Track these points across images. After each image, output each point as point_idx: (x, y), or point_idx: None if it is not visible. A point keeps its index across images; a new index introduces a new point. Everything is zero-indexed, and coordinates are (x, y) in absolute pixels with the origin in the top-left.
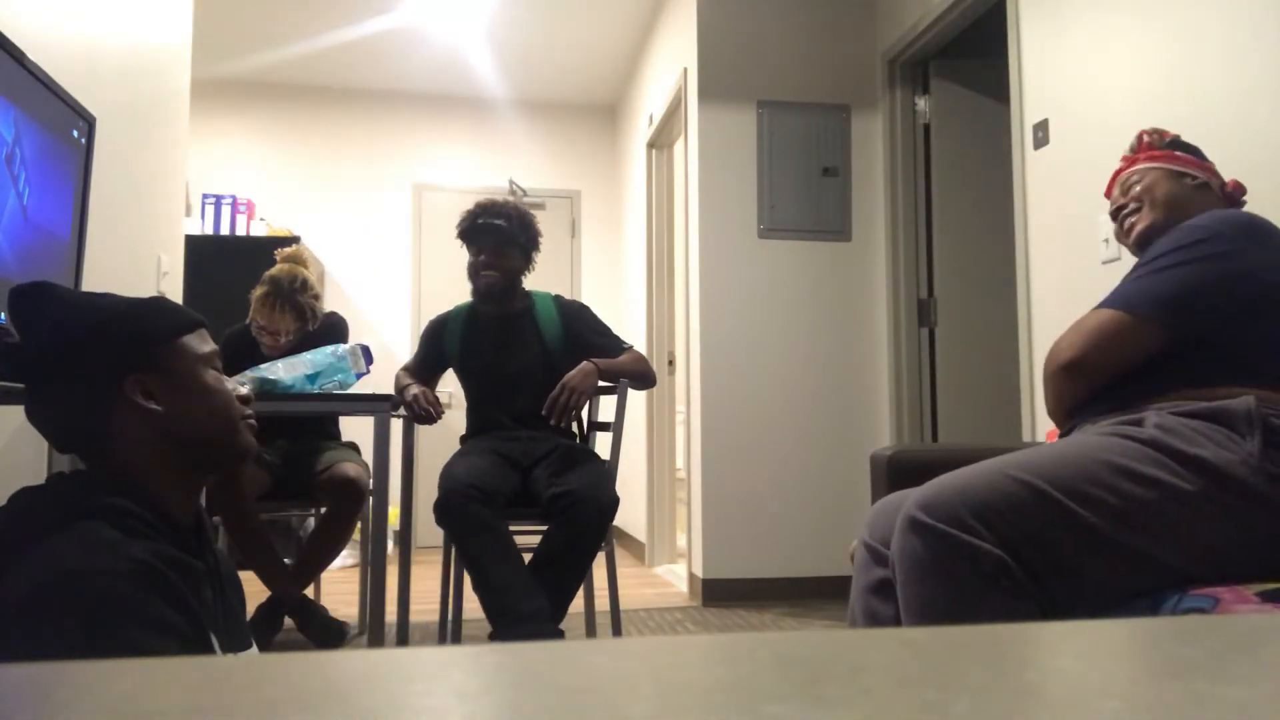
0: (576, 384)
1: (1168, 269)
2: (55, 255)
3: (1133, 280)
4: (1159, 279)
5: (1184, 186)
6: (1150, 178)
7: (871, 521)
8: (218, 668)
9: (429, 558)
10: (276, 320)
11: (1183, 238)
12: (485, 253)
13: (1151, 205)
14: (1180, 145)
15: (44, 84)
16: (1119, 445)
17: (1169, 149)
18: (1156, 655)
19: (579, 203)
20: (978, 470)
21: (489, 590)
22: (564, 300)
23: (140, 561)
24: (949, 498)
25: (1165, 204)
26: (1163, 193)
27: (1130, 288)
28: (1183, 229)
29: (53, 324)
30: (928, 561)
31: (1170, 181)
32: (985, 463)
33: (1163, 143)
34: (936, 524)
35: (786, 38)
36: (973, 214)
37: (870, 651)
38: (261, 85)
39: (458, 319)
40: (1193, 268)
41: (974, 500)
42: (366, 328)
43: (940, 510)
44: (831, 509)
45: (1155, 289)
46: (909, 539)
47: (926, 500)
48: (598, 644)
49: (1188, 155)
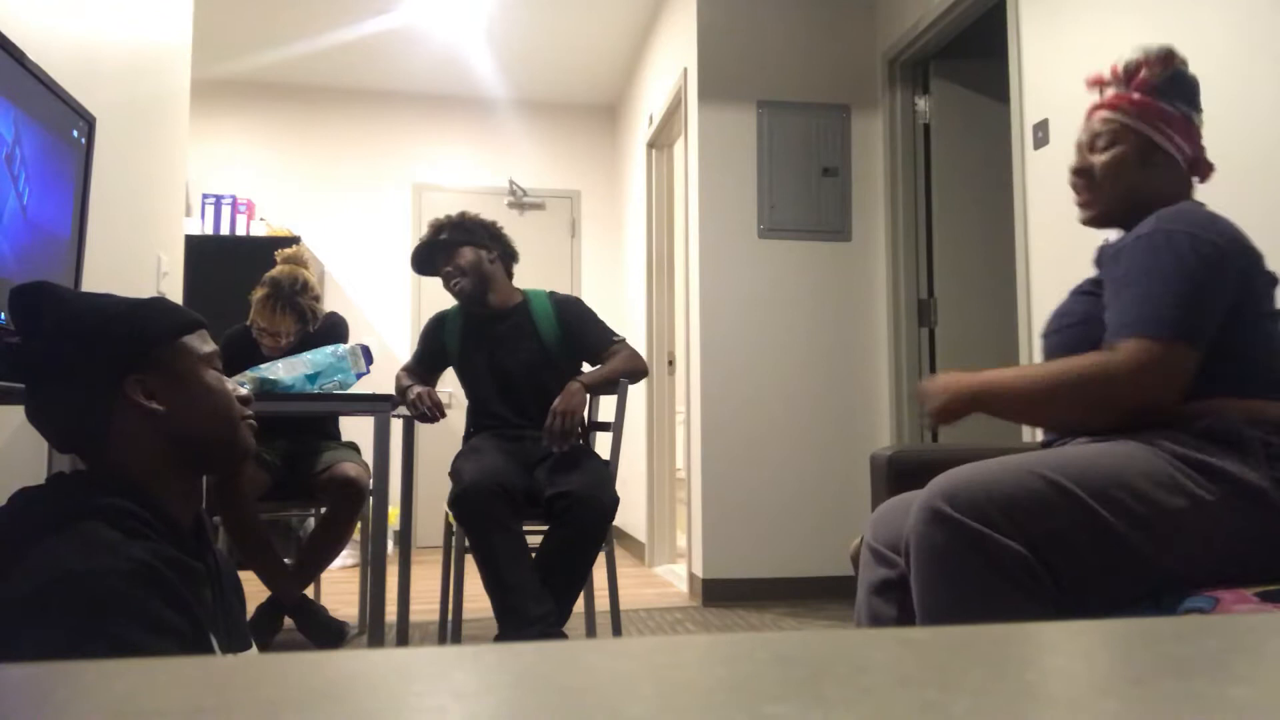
0: (566, 407)
1: (1193, 289)
2: (55, 255)
3: (1169, 306)
4: (1172, 293)
5: (1154, 167)
6: (1120, 149)
7: (875, 524)
8: (218, 668)
9: (429, 558)
10: (277, 322)
11: (1191, 251)
12: (441, 266)
13: (1112, 185)
14: (1179, 88)
15: (44, 84)
16: (1145, 453)
17: (1159, 93)
18: (1156, 655)
19: (579, 203)
20: (1004, 466)
21: (502, 589)
22: (558, 295)
23: (140, 562)
24: (975, 491)
25: (1124, 189)
26: (1126, 173)
27: (1173, 315)
28: (1186, 240)
29: (53, 324)
30: (948, 554)
31: (1138, 158)
32: (1012, 458)
33: (1158, 79)
34: (961, 517)
35: (786, 38)
36: (973, 214)
37: (870, 651)
38: (261, 85)
39: (455, 317)
40: (1211, 289)
41: (1001, 496)
42: (366, 328)
43: (965, 503)
44: (831, 509)
45: (1197, 318)
46: (930, 529)
47: (951, 492)
48: (598, 644)
49: (1177, 113)
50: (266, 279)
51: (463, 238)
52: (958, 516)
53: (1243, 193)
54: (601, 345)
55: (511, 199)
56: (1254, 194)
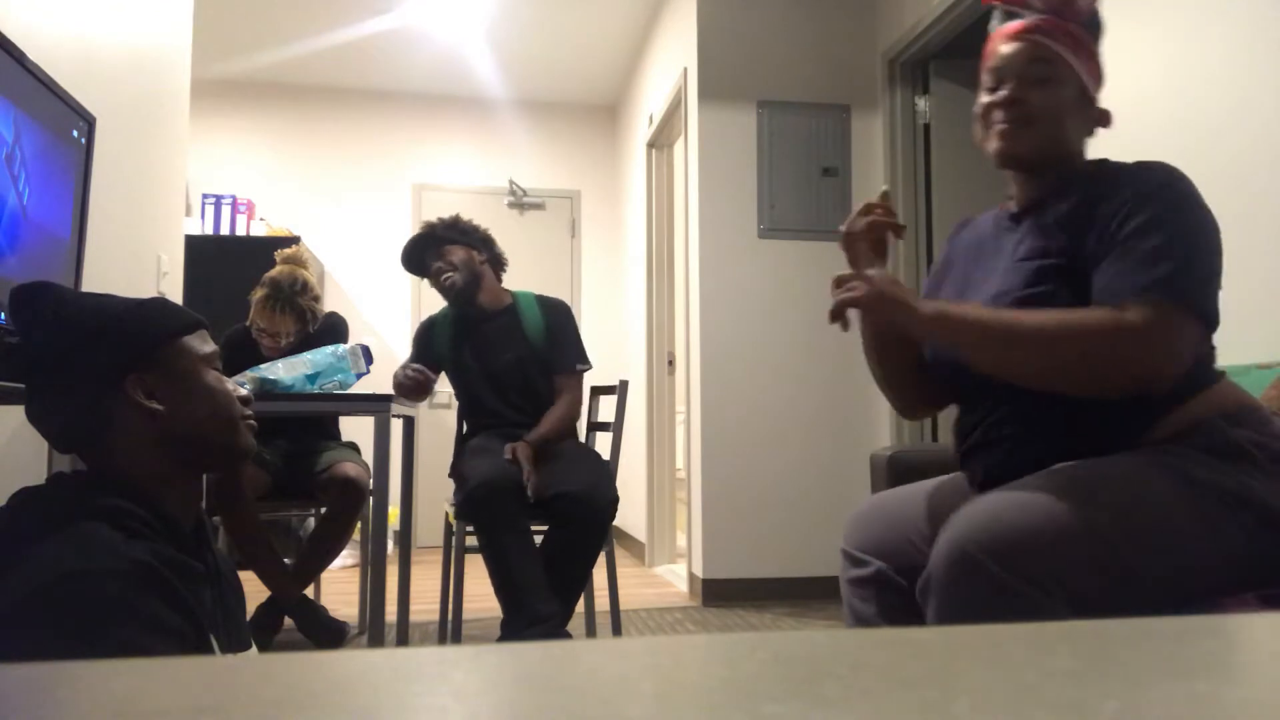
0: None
1: (1190, 240)
2: (55, 255)
3: (1197, 278)
4: (1200, 263)
5: (1078, 102)
6: (1055, 83)
7: (851, 527)
8: (218, 668)
9: (429, 558)
10: (277, 323)
11: (1170, 206)
12: (430, 264)
13: (1047, 120)
14: (1098, 28)
15: (44, 84)
16: (1174, 490)
17: (1085, 25)
18: (1156, 655)
19: (579, 203)
20: (1051, 512)
21: (512, 587)
22: (545, 298)
23: (140, 562)
24: (1023, 545)
25: (1058, 141)
26: (1061, 107)
27: (1185, 277)
28: (1164, 191)
29: (53, 324)
30: (981, 610)
31: (1071, 90)
32: (1055, 504)
33: (1083, 15)
34: (1008, 577)
35: (786, 38)
36: (972, 214)
37: (870, 651)
38: (261, 85)
39: (445, 320)
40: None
41: (1052, 553)
42: (366, 328)
43: (1011, 560)
44: (832, 509)
45: (1207, 279)
46: (969, 587)
47: (997, 546)
48: (598, 644)
49: (1096, 50)
50: (266, 279)
51: (455, 236)
52: (997, 571)
53: (1243, 193)
54: (564, 366)
55: (511, 199)
56: (1254, 193)
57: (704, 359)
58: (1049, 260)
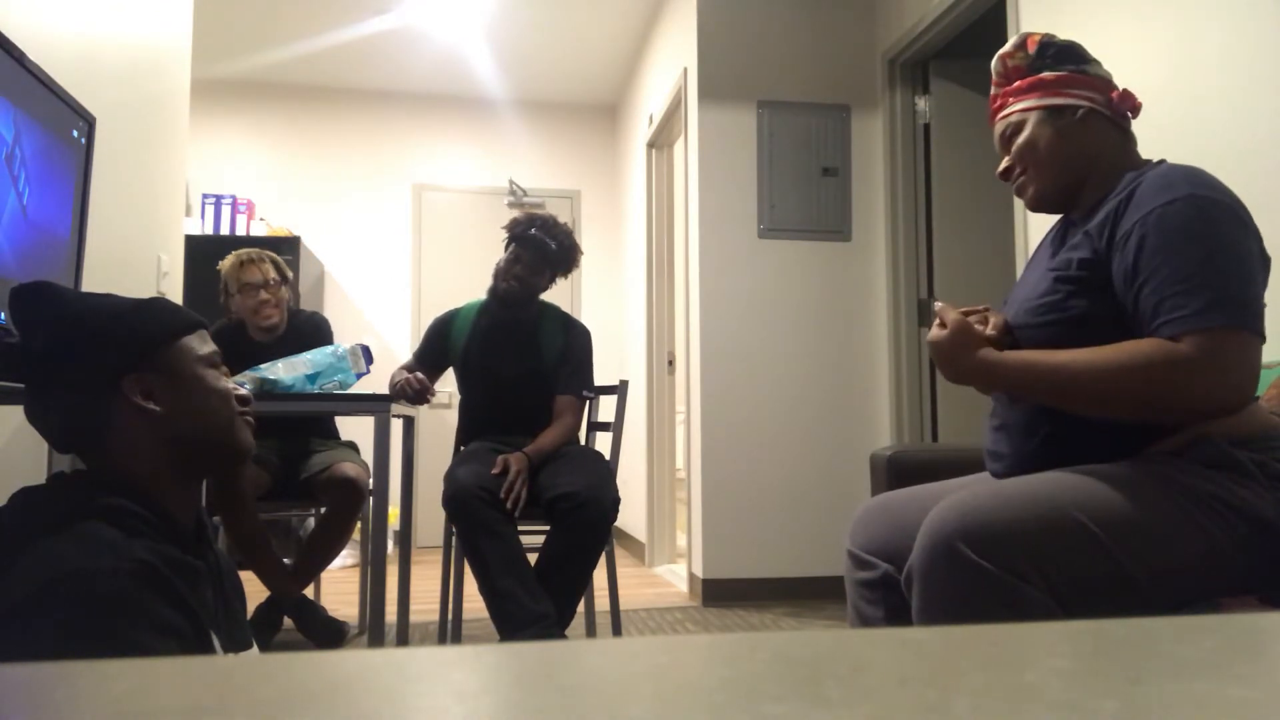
0: (513, 480)
1: (1234, 260)
2: (55, 255)
3: (1236, 291)
4: (1248, 285)
5: (1068, 126)
6: (1028, 130)
7: (855, 527)
8: (218, 668)
9: (429, 558)
10: (255, 271)
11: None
12: (521, 263)
13: (1037, 167)
14: (1051, 53)
15: (44, 84)
16: (1159, 492)
17: (1035, 69)
18: (1156, 655)
19: (579, 203)
20: (1031, 502)
21: (494, 595)
22: (572, 321)
23: (141, 561)
24: (999, 533)
25: (1051, 162)
26: (1045, 147)
27: (1236, 301)
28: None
29: (53, 324)
30: (966, 603)
31: (1048, 127)
32: (1037, 494)
33: (1028, 60)
34: (984, 563)
35: (786, 38)
36: (973, 214)
37: (870, 651)
38: (261, 85)
39: (467, 316)
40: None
41: (1029, 541)
42: (366, 328)
43: (989, 547)
44: (832, 509)
45: (1247, 296)
46: (948, 574)
47: (975, 534)
48: (598, 644)
49: (1062, 72)
50: (224, 261)
51: (559, 264)
52: (982, 563)
53: (1243, 193)
54: (569, 389)
55: (511, 199)
56: (1254, 193)
57: (704, 359)
58: (1071, 271)
